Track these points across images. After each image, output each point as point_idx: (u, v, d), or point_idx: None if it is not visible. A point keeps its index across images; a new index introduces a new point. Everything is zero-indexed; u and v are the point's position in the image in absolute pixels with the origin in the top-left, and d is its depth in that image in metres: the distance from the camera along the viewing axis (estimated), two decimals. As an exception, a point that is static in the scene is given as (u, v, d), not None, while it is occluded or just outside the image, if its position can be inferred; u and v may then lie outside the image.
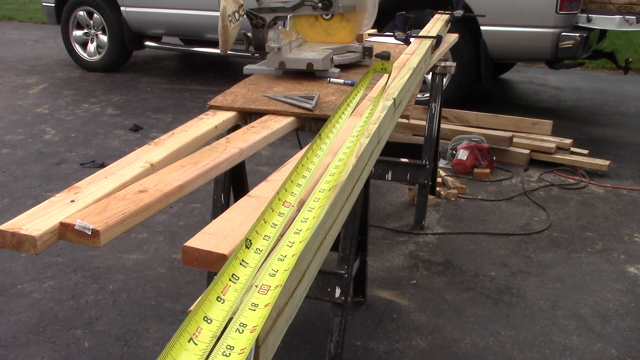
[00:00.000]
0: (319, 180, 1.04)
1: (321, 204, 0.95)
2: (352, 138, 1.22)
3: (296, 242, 0.82)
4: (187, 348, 0.54)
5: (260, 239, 0.80)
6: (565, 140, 4.20)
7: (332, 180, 1.04)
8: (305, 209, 0.93)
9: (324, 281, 1.95)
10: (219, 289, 0.65)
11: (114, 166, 1.21)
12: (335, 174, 1.06)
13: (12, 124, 4.70)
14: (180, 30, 6.22)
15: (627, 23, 4.52)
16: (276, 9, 2.10)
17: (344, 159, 1.12)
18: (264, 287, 0.70)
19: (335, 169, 1.09)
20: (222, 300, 0.63)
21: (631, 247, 2.98)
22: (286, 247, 0.80)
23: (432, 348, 2.20)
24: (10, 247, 0.92)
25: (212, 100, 1.79)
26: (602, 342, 2.25)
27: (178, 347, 0.54)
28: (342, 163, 1.11)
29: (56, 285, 2.52)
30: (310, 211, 0.93)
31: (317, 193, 0.99)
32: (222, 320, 0.60)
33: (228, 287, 0.66)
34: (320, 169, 1.10)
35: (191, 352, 0.54)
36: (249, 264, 0.73)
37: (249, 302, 0.66)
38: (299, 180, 1.01)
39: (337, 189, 0.99)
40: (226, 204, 2.08)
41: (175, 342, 0.54)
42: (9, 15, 10.75)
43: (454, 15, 3.19)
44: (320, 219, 0.89)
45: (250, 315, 0.64)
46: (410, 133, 4.27)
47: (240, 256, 0.73)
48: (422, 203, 3.10)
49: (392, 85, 1.63)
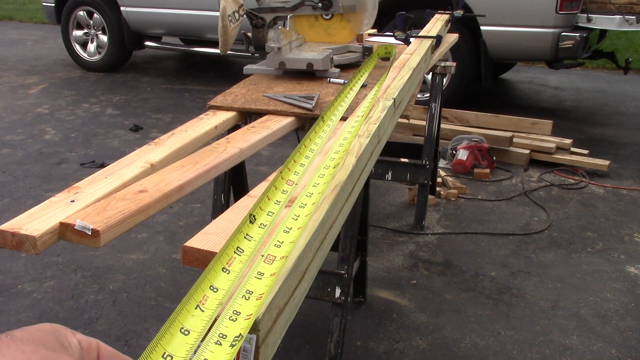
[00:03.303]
0: (324, 159, 1.05)
1: (326, 181, 0.97)
2: (357, 118, 1.22)
3: (301, 216, 0.84)
4: (194, 314, 0.56)
5: (264, 214, 0.81)
6: (565, 140, 4.20)
7: (336, 158, 1.06)
8: (310, 185, 0.95)
9: (324, 281, 1.95)
10: (224, 260, 0.67)
11: (114, 166, 1.21)
12: (340, 151, 1.08)
13: (12, 124, 4.70)
14: (180, 30, 6.22)
15: (627, 23, 4.52)
16: (276, 9, 2.10)
17: (348, 137, 1.13)
18: (270, 257, 0.71)
19: (339, 147, 1.10)
20: (227, 271, 0.65)
21: (631, 247, 2.98)
22: (292, 220, 0.82)
23: (432, 348, 2.20)
24: (10, 247, 0.92)
25: (212, 100, 1.79)
26: (602, 342, 2.25)
27: (185, 313, 0.55)
28: (347, 142, 1.11)
29: (56, 285, 2.52)
30: (315, 186, 0.94)
31: (321, 169, 1.01)
32: (227, 289, 0.62)
33: (233, 259, 0.68)
34: (324, 150, 1.12)
35: (198, 318, 0.55)
36: (253, 237, 0.74)
37: (255, 271, 0.68)
38: (301, 160, 1.02)
39: (337, 189, 0.98)
40: (226, 204, 2.08)
41: (182, 308, 0.55)
42: (9, 15, 10.75)
43: (454, 15, 3.19)
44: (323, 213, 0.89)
45: (257, 283, 0.66)
46: (410, 133, 4.27)
47: (245, 230, 0.75)
48: (422, 203, 3.10)
49: (392, 85, 1.63)
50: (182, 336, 0.52)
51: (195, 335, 0.52)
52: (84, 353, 0.43)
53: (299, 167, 0.99)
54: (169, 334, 0.51)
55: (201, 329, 0.54)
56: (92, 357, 0.44)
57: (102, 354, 0.45)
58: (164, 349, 0.48)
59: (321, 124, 1.19)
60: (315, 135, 1.14)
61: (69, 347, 0.42)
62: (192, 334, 0.52)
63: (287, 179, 0.93)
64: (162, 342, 0.49)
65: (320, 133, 1.16)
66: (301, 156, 1.03)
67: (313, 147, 1.10)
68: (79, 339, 0.43)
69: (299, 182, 0.95)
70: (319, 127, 1.17)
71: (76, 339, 0.43)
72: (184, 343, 0.51)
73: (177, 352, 0.49)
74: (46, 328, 0.42)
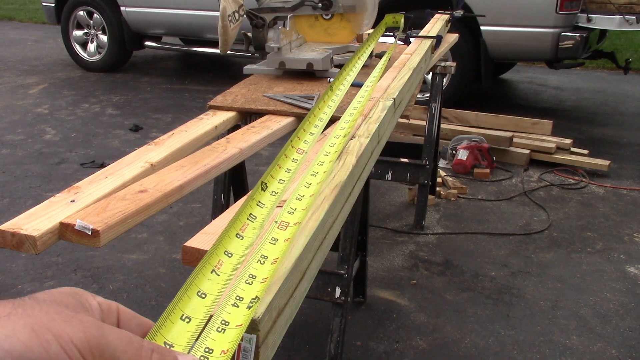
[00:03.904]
0: (335, 128, 1.07)
1: (337, 150, 0.99)
2: (366, 88, 1.22)
3: (313, 184, 0.86)
4: (210, 278, 0.57)
5: (275, 182, 0.82)
6: (565, 140, 4.20)
7: (346, 127, 1.07)
8: (321, 153, 0.97)
9: (324, 281, 1.95)
10: (237, 226, 0.67)
11: (114, 166, 1.21)
12: (350, 121, 1.10)
13: (12, 124, 4.70)
14: (180, 30, 6.22)
15: (627, 23, 4.52)
16: (276, 9, 2.10)
17: (358, 107, 1.13)
18: (283, 223, 0.74)
19: (350, 117, 1.11)
20: (241, 237, 0.66)
21: (631, 247, 2.98)
22: (304, 188, 0.84)
23: (432, 348, 2.19)
24: (10, 247, 0.92)
25: (212, 100, 1.79)
26: (602, 342, 2.25)
27: (201, 277, 0.56)
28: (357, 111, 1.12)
29: (56, 285, 2.52)
30: (327, 155, 0.96)
31: (332, 139, 1.03)
32: (241, 254, 0.63)
33: (246, 225, 0.69)
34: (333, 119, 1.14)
35: (214, 282, 0.56)
36: (265, 204, 0.75)
37: (269, 237, 0.70)
38: (311, 129, 1.04)
39: (337, 189, 0.98)
40: (226, 204, 2.08)
41: (198, 272, 0.56)
42: (9, 15, 10.75)
43: (454, 15, 3.19)
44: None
45: (271, 248, 0.67)
46: (410, 133, 4.27)
47: (257, 197, 0.76)
48: (422, 203, 3.10)
49: (392, 85, 1.63)
50: (199, 299, 0.52)
51: (212, 298, 0.53)
52: (104, 315, 0.44)
53: (308, 136, 1.00)
54: (186, 297, 0.52)
55: (217, 292, 0.54)
56: (112, 318, 0.45)
57: (121, 316, 0.46)
58: (182, 311, 0.49)
59: (330, 93, 1.20)
60: (324, 105, 1.15)
61: (90, 309, 0.43)
62: (209, 297, 0.53)
63: (297, 148, 0.94)
64: (179, 305, 0.50)
65: (329, 102, 1.18)
66: (310, 125, 1.04)
67: (322, 117, 1.11)
68: (99, 301, 0.45)
69: (308, 150, 0.96)
70: (328, 97, 1.19)
71: (96, 301, 0.45)
72: (201, 305, 0.51)
73: (194, 314, 0.50)
74: (67, 291, 0.43)
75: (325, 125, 1.10)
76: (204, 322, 0.49)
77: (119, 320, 0.46)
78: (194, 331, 0.48)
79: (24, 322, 0.36)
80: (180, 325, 0.48)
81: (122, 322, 0.46)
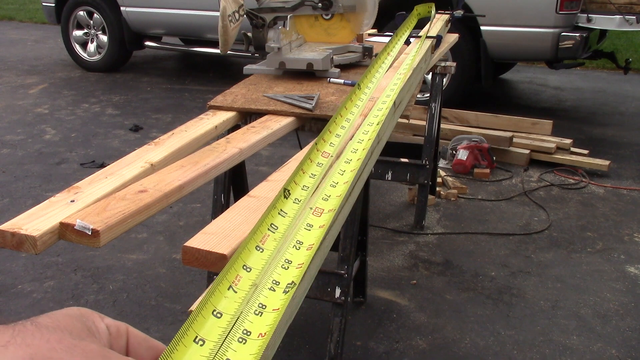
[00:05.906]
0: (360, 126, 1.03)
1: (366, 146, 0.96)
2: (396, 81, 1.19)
3: (347, 171, 0.85)
4: (227, 296, 0.53)
5: (299, 188, 0.79)
6: (565, 140, 4.20)
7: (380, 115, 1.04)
8: (348, 150, 0.94)
9: (324, 281, 1.95)
10: (257, 238, 0.64)
11: (114, 166, 1.21)
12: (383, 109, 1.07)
13: (12, 124, 4.70)
14: (180, 30, 6.22)
15: (627, 23, 4.52)
16: (276, 9, 2.10)
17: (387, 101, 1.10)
18: (318, 210, 0.73)
19: (374, 118, 1.06)
20: (261, 250, 0.62)
21: (631, 247, 2.98)
22: (337, 175, 0.83)
23: (432, 348, 2.19)
24: (10, 247, 0.92)
25: (212, 100, 1.79)
26: (602, 342, 2.24)
27: (218, 295, 0.53)
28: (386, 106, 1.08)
29: (56, 285, 2.52)
30: (354, 152, 0.94)
31: (360, 135, 0.99)
32: (261, 268, 0.59)
33: (267, 236, 0.65)
34: (359, 119, 1.08)
35: (231, 300, 0.53)
36: (288, 213, 0.72)
37: (304, 223, 0.69)
38: (337, 130, 0.99)
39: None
40: (226, 204, 2.08)
41: (215, 289, 0.53)
42: (9, 15, 10.75)
43: (454, 15, 3.19)
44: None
45: (306, 234, 0.67)
46: (410, 133, 4.27)
47: (279, 206, 0.72)
48: (422, 203, 3.10)
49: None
50: (215, 319, 0.49)
51: (228, 318, 0.50)
52: (112, 339, 0.41)
53: (334, 138, 0.96)
54: (201, 317, 0.49)
55: (234, 311, 0.51)
56: (121, 342, 0.42)
57: (131, 340, 0.43)
58: (196, 333, 0.47)
59: (357, 92, 1.14)
60: (351, 104, 1.09)
61: (97, 333, 0.40)
62: (225, 317, 0.50)
63: (322, 151, 0.90)
64: (194, 326, 0.47)
65: (356, 102, 1.12)
66: (337, 127, 0.99)
67: (349, 117, 1.05)
68: (107, 324, 0.41)
69: (334, 154, 0.91)
70: (355, 96, 1.12)
71: (104, 324, 0.41)
72: (217, 326, 0.49)
73: (209, 336, 0.47)
74: (73, 313, 0.40)
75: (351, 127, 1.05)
76: (218, 345, 0.47)
77: (128, 343, 0.43)
78: (208, 355, 0.45)
79: (23, 353, 0.34)
80: (194, 348, 0.45)
81: (131, 345, 0.43)
